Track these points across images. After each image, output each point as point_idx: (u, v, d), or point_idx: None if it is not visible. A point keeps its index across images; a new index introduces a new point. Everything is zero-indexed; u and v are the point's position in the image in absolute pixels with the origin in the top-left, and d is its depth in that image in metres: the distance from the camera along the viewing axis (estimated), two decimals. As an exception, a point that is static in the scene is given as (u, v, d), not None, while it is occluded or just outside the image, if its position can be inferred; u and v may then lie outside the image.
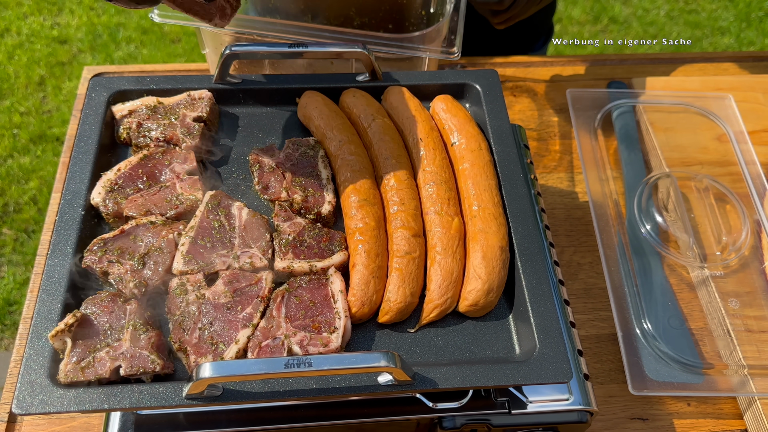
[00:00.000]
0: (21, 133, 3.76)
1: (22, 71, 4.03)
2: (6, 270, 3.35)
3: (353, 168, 1.15)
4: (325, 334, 1.01)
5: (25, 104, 3.89)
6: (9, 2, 4.39)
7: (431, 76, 1.33)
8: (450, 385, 0.96)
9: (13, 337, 3.22)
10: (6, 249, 3.41)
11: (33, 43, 4.19)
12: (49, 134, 3.79)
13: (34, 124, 3.81)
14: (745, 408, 1.29)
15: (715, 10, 4.70)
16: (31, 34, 4.24)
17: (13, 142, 3.73)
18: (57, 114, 3.87)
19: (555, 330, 1.02)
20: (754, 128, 1.61)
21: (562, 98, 1.75)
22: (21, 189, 3.58)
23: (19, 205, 3.54)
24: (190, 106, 1.23)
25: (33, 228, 3.48)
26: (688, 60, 1.86)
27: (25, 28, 4.26)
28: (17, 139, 3.75)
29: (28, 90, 3.98)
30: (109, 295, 1.02)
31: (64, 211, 1.09)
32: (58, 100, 3.94)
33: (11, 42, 4.18)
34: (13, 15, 4.31)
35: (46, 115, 3.88)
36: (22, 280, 3.33)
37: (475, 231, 1.10)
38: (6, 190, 3.57)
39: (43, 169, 3.65)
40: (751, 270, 1.39)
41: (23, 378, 0.94)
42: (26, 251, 3.39)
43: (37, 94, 3.98)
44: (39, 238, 3.41)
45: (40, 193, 3.56)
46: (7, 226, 3.48)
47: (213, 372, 0.87)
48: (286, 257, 1.08)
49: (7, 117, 3.82)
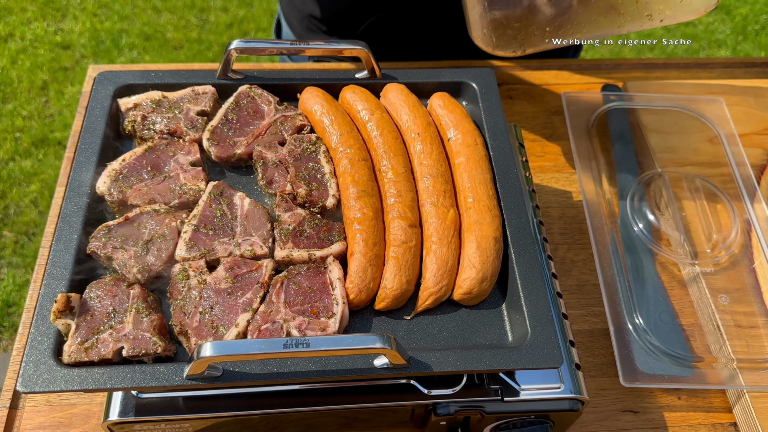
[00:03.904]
0: (23, 137, 3.79)
1: (25, 76, 4.07)
2: (6, 272, 3.37)
3: (352, 160, 1.18)
4: (323, 319, 1.03)
5: (28, 108, 3.93)
6: (13, 8, 4.44)
7: (429, 74, 1.36)
8: (444, 368, 0.99)
9: (12, 338, 3.24)
10: (6, 251, 3.44)
11: (36, 48, 4.23)
12: (51, 138, 3.82)
13: (36, 128, 3.85)
14: (734, 401, 1.31)
15: (712, 23, 4.76)
16: (34, 39, 4.28)
17: (15, 146, 3.76)
18: (59, 118, 3.91)
19: (546, 317, 1.05)
20: (744, 131, 1.65)
21: (558, 101, 1.79)
22: (22, 192, 3.61)
23: (20, 207, 3.56)
24: (193, 100, 1.26)
25: (33, 231, 3.51)
26: (682, 66, 1.90)
27: (28, 34, 4.30)
28: (19, 142, 3.78)
29: (31, 94, 4.01)
30: (113, 279, 1.05)
31: (70, 199, 1.12)
32: (61, 105, 3.97)
33: (15, 47, 4.22)
34: (17, 20, 4.36)
35: (48, 119, 3.91)
36: (21, 282, 3.35)
37: (470, 222, 1.13)
38: (7, 193, 3.60)
39: (44, 173, 3.68)
40: (740, 267, 1.42)
41: (28, 358, 0.97)
42: (26, 254, 3.42)
43: (40, 98, 4.01)
44: (39, 240, 3.46)
45: (41, 196, 3.58)
46: (7, 229, 3.50)
47: (214, 351, 0.90)
48: (286, 246, 1.10)
49: (10, 120, 3.86)
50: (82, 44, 4.28)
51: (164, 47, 4.32)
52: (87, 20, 4.41)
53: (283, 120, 1.26)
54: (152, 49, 4.29)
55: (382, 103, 1.31)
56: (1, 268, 3.39)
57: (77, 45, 4.27)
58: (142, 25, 4.41)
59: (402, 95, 1.29)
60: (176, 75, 1.30)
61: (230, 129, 1.23)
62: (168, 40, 4.36)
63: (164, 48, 4.32)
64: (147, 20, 4.45)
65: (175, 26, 4.44)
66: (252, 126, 1.24)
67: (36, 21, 4.39)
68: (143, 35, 4.35)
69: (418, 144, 1.22)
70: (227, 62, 1.29)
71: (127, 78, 1.28)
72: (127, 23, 4.42)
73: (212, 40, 4.38)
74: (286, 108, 1.29)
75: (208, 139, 1.21)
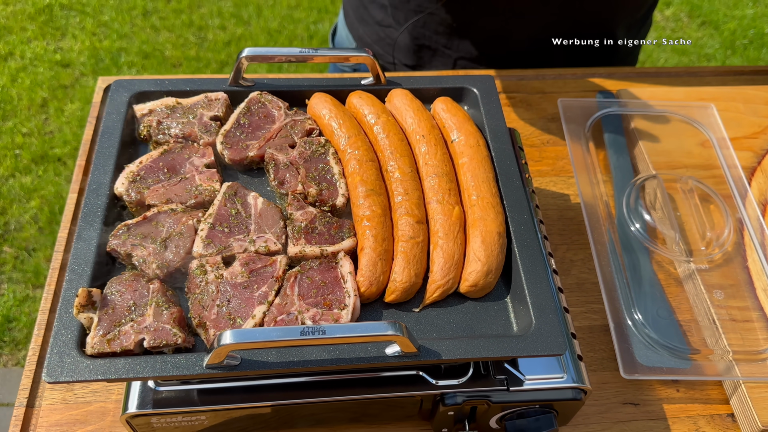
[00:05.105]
0: (23, 154, 3.83)
1: (25, 93, 4.12)
2: (6, 287, 3.39)
3: (360, 161, 1.23)
4: (336, 310, 1.07)
5: (28, 125, 3.97)
6: (13, 27, 4.50)
7: (431, 81, 1.42)
8: (453, 356, 1.03)
9: (13, 354, 3.26)
10: (6, 267, 3.46)
11: (36, 67, 4.29)
12: (51, 154, 3.86)
13: (36, 145, 3.89)
14: (731, 393, 1.35)
15: (701, 37, 4.86)
16: (34, 57, 4.34)
17: (15, 162, 3.80)
18: (59, 135, 3.95)
19: (550, 307, 1.09)
20: (735, 135, 1.71)
21: (554, 108, 1.85)
22: (22, 208, 3.64)
23: (20, 223, 3.59)
24: (207, 106, 1.31)
25: (33, 246, 3.53)
26: (673, 74, 1.97)
27: (28, 52, 4.36)
28: (19, 159, 3.82)
29: (31, 111, 4.06)
30: (133, 275, 1.09)
31: (90, 199, 1.17)
32: (60, 122, 4.02)
33: (15, 65, 4.27)
34: (17, 39, 4.42)
35: (48, 136, 3.96)
36: (22, 297, 3.37)
37: (475, 218, 1.17)
38: (7, 209, 3.63)
39: (44, 189, 3.71)
40: (734, 264, 1.47)
41: (52, 350, 1.00)
42: (26, 269, 3.44)
43: (40, 115, 4.06)
44: (40, 256, 3.49)
45: (41, 211, 3.62)
46: (8, 244, 3.53)
47: (234, 339, 0.93)
48: (298, 242, 1.15)
49: (10, 138, 3.90)
50: (81, 62, 4.33)
51: (163, 65, 4.38)
52: (86, 39, 4.47)
53: (293, 124, 1.31)
54: (151, 66, 4.35)
55: (388, 107, 1.36)
56: (1, 284, 3.41)
57: (77, 63, 4.33)
58: (141, 44, 4.47)
59: (407, 100, 1.34)
60: (189, 82, 1.35)
61: (242, 133, 1.28)
62: (166, 57, 4.42)
63: (163, 66, 4.38)
64: (146, 38, 4.51)
65: (173, 44, 4.51)
66: (263, 130, 1.29)
67: (36, 40, 4.45)
68: (142, 53, 4.42)
69: (423, 145, 1.27)
70: (238, 70, 1.34)
71: (142, 85, 1.33)
72: (126, 41, 4.49)
73: (210, 57, 4.44)
74: (296, 113, 1.34)
75: (221, 142, 1.26)
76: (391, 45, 1.98)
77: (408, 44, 1.95)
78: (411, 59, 2.00)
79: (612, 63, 2.03)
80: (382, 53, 2.02)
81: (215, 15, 4.73)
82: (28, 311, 3.35)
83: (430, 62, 1.99)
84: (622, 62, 2.07)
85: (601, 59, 2.00)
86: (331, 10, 4.87)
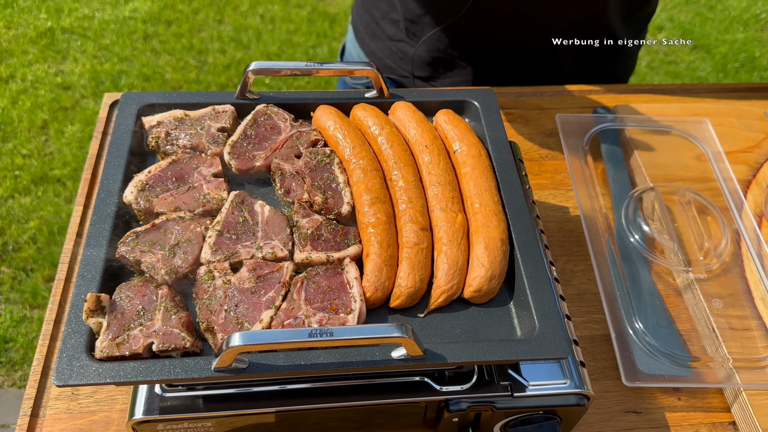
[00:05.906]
0: (23, 175, 3.85)
1: (25, 115, 4.15)
2: (3, 308, 3.39)
3: (365, 170, 1.26)
4: (342, 314, 1.09)
5: (28, 147, 4.00)
6: (14, 50, 4.55)
7: (434, 94, 1.45)
8: (458, 359, 1.04)
9: (9, 374, 3.24)
10: (4, 287, 3.46)
11: (37, 89, 4.32)
12: (51, 176, 3.88)
13: (35, 166, 3.91)
14: (732, 401, 1.37)
15: (693, 61, 4.94)
16: (35, 80, 4.38)
17: (15, 183, 3.82)
18: (59, 156, 3.97)
19: (553, 312, 1.11)
20: (729, 149, 1.74)
21: (552, 123, 1.88)
22: (21, 228, 3.65)
23: (19, 244, 3.60)
24: (214, 118, 1.33)
25: (31, 266, 3.53)
26: (668, 91, 2.01)
27: (29, 75, 4.40)
28: (19, 180, 3.83)
29: (31, 133, 4.09)
30: (142, 281, 1.10)
31: (99, 207, 1.18)
32: (60, 143, 4.04)
33: (16, 88, 4.31)
34: (18, 62, 4.46)
35: (48, 158, 3.98)
36: (19, 317, 3.36)
37: (478, 225, 1.20)
38: (6, 230, 3.64)
39: (43, 209, 3.73)
40: (732, 274, 1.49)
41: (61, 353, 1.01)
42: (24, 289, 3.44)
43: (40, 137, 4.09)
44: (37, 276, 3.49)
45: (39, 232, 3.62)
46: (5, 265, 3.53)
47: (243, 341, 0.95)
48: (305, 249, 1.17)
49: (10, 159, 3.92)
50: (82, 85, 4.37)
51: (163, 88, 4.42)
52: (87, 62, 4.52)
53: (298, 135, 1.34)
54: (151, 89, 4.39)
55: (391, 119, 1.39)
56: (-2, 304, 3.41)
57: (77, 86, 4.37)
58: (141, 67, 4.52)
59: (409, 112, 1.37)
60: (197, 95, 1.38)
61: (249, 143, 1.31)
62: (167, 80, 4.47)
63: (163, 88, 4.42)
64: (146, 62, 4.56)
65: (173, 67, 4.56)
66: (270, 141, 1.32)
67: (37, 63, 4.50)
68: (142, 76, 4.46)
69: (426, 155, 1.30)
70: (245, 84, 1.37)
71: (150, 98, 1.36)
72: (126, 64, 4.53)
73: (210, 80, 4.49)
74: (301, 124, 1.37)
75: (228, 152, 1.29)
76: (403, 59, 2.02)
77: (423, 57, 1.98)
78: (426, 71, 2.03)
79: (612, 63, 2.06)
80: (395, 67, 2.05)
81: (215, 39, 4.79)
82: (25, 332, 3.34)
83: (445, 74, 2.02)
84: (623, 63, 2.10)
85: (602, 59, 2.03)
86: (329, 35, 4.94)
